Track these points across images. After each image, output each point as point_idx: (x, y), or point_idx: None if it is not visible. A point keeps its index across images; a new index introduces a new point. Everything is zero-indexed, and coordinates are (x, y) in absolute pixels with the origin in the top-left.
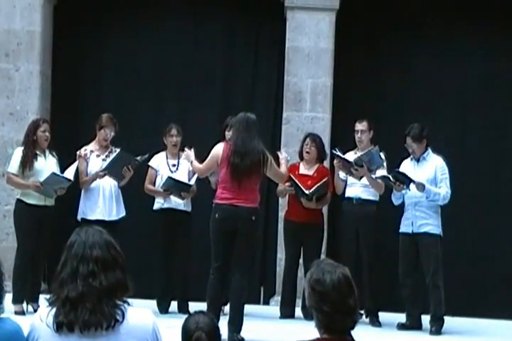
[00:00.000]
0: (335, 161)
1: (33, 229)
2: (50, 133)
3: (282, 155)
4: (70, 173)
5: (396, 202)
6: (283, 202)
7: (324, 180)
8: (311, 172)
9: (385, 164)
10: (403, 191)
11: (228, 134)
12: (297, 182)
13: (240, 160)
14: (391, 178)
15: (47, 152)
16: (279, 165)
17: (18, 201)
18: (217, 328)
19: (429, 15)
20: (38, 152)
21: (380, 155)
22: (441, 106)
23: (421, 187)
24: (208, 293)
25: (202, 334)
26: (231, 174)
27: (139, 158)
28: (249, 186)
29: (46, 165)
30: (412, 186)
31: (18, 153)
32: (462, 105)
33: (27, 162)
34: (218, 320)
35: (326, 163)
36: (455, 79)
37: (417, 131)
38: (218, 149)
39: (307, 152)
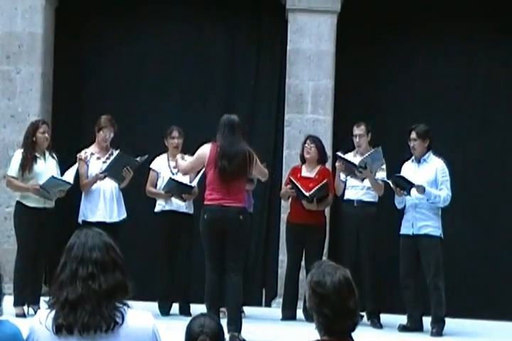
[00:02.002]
0: (337, 163)
1: (33, 232)
2: (49, 134)
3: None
4: (69, 176)
5: (399, 206)
6: (285, 205)
7: (324, 181)
8: (312, 175)
9: (384, 166)
10: (404, 196)
11: None
12: (297, 184)
13: (227, 164)
14: (391, 184)
15: (47, 154)
16: None
17: (18, 203)
18: (222, 332)
19: (430, 17)
20: (37, 154)
21: (382, 156)
22: (442, 108)
23: (421, 189)
24: (206, 295)
25: (206, 339)
26: (219, 177)
27: (138, 158)
28: (238, 186)
29: (46, 167)
30: (412, 190)
31: (17, 155)
32: (463, 107)
33: (27, 165)
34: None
35: (328, 166)
36: (456, 81)
37: (423, 128)
38: (205, 150)
39: (308, 152)
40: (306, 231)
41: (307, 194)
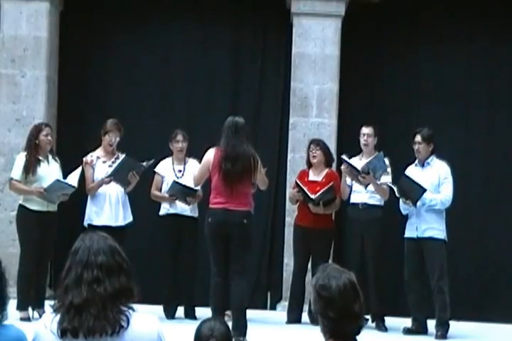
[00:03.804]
0: (342, 167)
1: (36, 235)
2: (52, 137)
3: None
4: (73, 179)
5: (404, 211)
6: (290, 208)
7: (330, 184)
8: (319, 178)
9: (389, 170)
10: (409, 206)
11: None
12: (303, 187)
13: (231, 166)
14: (396, 193)
15: (49, 157)
16: None
17: (21, 207)
18: (231, 338)
19: (434, 20)
20: (40, 157)
21: (384, 161)
22: (447, 112)
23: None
24: (211, 298)
25: None
26: (223, 180)
27: (144, 163)
28: (242, 190)
29: (49, 170)
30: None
31: (20, 158)
32: (468, 109)
33: (30, 168)
34: None
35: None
36: (461, 84)
37: (427, 132)
38: (209, 156)
39: (313, 156)
40: (313, 235)
41: (312, 196)
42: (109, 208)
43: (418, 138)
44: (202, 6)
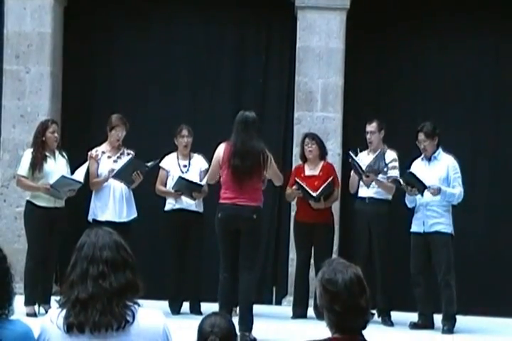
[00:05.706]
0: (350, 160)
1: (43, 231)
2: (59, 134)
3: None
4: (79, 175)
5: (410, 205)
6: (295, 203)
7: (329, 180)
8: (316, 172)
9: (397, 164)
10: (416, 196)
11: None
12: (303, 185)
13: (240, 162)
14: (401, 182)
15: (56, 153)
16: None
17: (28, 203)
18: (234, 332)
19: (441, 13)
20: (47, 153)
21: (384, 158)
22: (453, 106)
23: (436, 191)
24: (219, 293)
25: (216, 339)
26: (232, 176)
27: (149, 164)
28: (252, 186)
29: (56, 166)
30: (426, 192)
31: (27, 155)
32: (474, 104)
33: (37, 164)
34: None
35: (337, 165)
36: (468, 79)
37: (430, 127)
38: (219, 151)
39: (310, 151)
40: (314, 230)
41: (314, 194)
42: (112, 204)
43: (421, 136)
44: (205, 1)
